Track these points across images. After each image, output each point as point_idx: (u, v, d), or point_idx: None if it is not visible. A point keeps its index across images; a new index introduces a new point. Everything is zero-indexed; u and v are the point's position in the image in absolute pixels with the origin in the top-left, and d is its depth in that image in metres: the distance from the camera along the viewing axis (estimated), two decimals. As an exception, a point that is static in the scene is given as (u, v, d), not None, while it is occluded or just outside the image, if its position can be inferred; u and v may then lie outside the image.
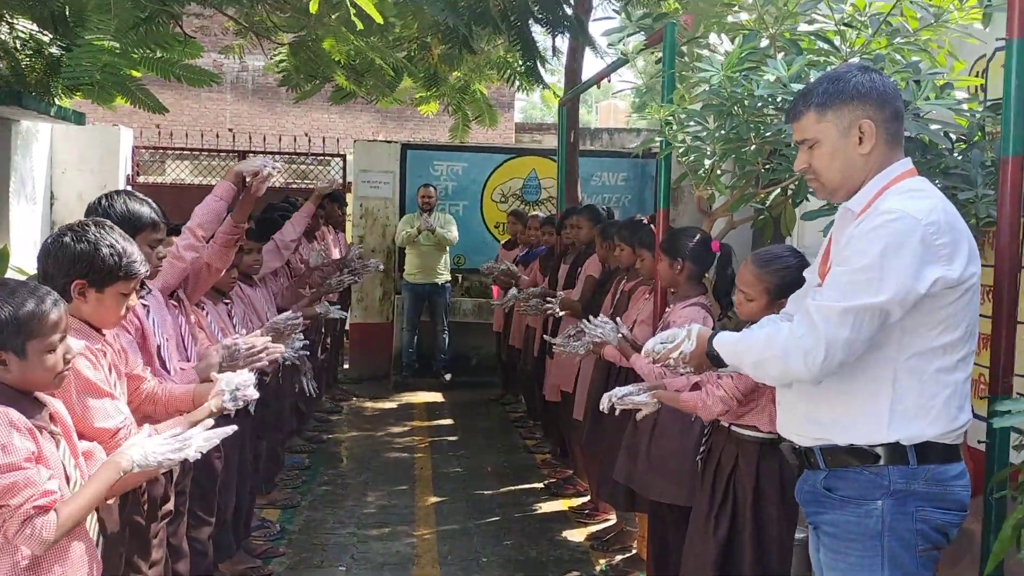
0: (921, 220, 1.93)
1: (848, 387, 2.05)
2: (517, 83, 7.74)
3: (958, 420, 2.02)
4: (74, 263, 2.29)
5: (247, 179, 3.14)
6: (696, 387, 2.96)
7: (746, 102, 3.10)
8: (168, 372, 2.89)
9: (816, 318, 2.00)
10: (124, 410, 2.42)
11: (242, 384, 2.58)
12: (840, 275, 2.01)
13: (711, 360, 2.31)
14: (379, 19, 2.75)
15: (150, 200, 2.80)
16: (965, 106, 2.92)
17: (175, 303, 3.14)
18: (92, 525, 2.14)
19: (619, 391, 3.04)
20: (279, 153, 9.79)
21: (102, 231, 2.32)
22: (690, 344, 2.31)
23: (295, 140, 9.90)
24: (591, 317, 3.80)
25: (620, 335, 3.61)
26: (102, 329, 2.43)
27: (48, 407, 2.04)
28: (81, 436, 2.31)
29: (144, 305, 2.85)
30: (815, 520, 2.15)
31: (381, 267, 7.79)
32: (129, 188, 9.11)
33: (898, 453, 2.00)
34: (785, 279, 2.58)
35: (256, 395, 2.62)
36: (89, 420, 2.29)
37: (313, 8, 2.45)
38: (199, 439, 2.14)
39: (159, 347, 2.88)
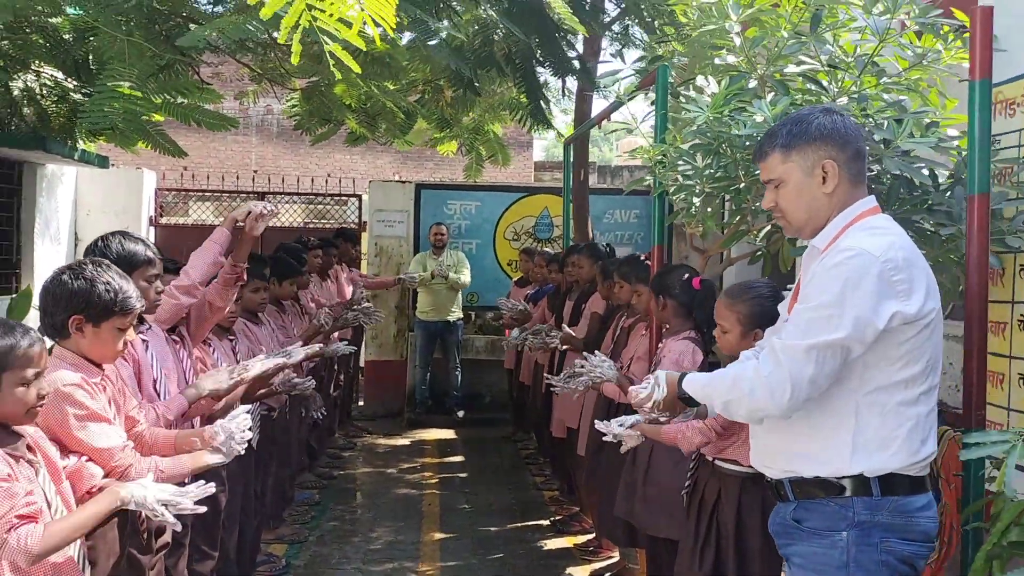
0: (879, 257, 1.98)
1: (813, 420, 2.09)
2: (528, 124, 7.88)
3: (921, 452, 2.05)
4: (71, 299, 2.40)
5: (239, 222, 3.26)
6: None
7: (735, 141, 3.17)
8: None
9: (781, 356, 2.05)
10: (123, 434, 2.51)
11: (237, 428, 2.64)
12: (803, 312, 2.06)
13: (684, 401, 2.39)
14: (357, 69, 2.88)
15: (144, 239, 2.96)
16: (955, 143, 2.97)
17: (176, 339, 3.25)
18: (80, 554, 2.21)
19: (608, 423, 3.12)
20: (298, 194, 10.00)
21: (98, 269, 2.44)
22: (661, 391, 2.39)
23: (312, 181, 10.11)
24: (588, 354, 3.86)
25: (617, 372, 3.67)
26: (101, 364, 2.53)
27: (26, 438, 2.13)
28: None
29: (143, 340, 2.96)
30: (786, 552, 2.18)
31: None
32: (147, 228, 9.33)
33: (862, 485, 2.03)
34: (755, 309, 2.63)
35: (252, 435, 2.69)
36: (92, 442, 2.38)
37: (295, 60, 2.58)
38: (191, 500, 2.26)
39: (155, 380, 2.98)
